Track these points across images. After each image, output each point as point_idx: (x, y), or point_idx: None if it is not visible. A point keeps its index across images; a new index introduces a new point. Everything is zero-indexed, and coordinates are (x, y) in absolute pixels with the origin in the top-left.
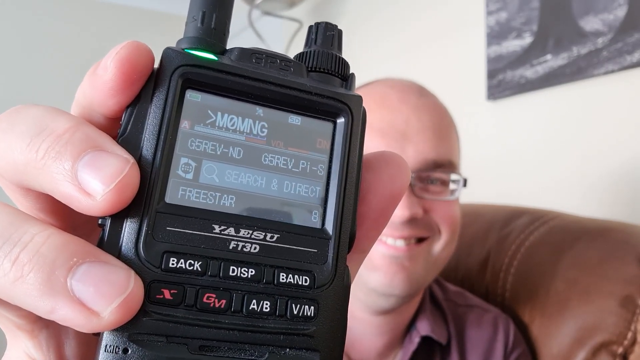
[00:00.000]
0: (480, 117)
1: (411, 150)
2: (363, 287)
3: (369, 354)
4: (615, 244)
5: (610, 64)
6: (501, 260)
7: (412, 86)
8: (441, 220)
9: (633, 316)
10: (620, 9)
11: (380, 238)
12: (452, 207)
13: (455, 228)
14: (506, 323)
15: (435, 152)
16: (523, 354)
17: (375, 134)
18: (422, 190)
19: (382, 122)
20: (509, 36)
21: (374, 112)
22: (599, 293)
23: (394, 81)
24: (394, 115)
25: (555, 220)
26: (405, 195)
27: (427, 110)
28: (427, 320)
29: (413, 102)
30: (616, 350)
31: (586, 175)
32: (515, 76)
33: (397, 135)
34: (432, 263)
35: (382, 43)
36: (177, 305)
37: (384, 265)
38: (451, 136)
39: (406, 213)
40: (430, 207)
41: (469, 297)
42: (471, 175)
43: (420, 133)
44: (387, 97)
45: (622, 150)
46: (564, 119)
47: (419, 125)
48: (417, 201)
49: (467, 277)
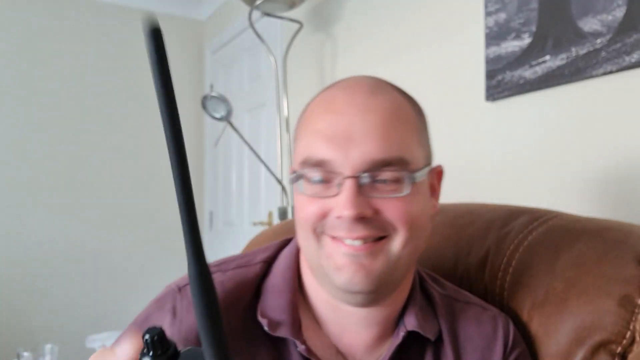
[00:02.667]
0: (479, 117)
1: (356, 152)
2: (332, 286)
3: (357, 346)
4: (614, 244)
5: (609, 64)
6: (500, 260)
7: (364, 85)
8: (395, 219)
9: (632, 315)
10: (619, 10)
11: (340, 238)
12: (407, 204)
13: (411, 224)
14: (506, 322)
15: (381, 151)
16: (522, 353)
17: (322, 139)
18: (371, 190)
19: (327, 127)
20: (508, 37)
21: (321, 117)
22: (597, 292)
23: (347, 82)
24: (339, 119)
25: (554, 220)
26: (352, 195)
27: (374, 110)
28: (414, 315)
29: (360, 102)
30: (615, 349)
31: (585, 175)
32: (514, 77)
33: (341, 139)
34: (394, 260)
35: (381, 44)
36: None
37: (344, 265)
38: (404, 132)
39: (352, 212)
40: (382, 207)
41: (468, 295)
42: (470, 175)
43: (366, 134)
44: (334, 100)
45: (621, 150)
46: (563, 120)
47: (365, 126)
48: (365, 201)
49: (466, 276)
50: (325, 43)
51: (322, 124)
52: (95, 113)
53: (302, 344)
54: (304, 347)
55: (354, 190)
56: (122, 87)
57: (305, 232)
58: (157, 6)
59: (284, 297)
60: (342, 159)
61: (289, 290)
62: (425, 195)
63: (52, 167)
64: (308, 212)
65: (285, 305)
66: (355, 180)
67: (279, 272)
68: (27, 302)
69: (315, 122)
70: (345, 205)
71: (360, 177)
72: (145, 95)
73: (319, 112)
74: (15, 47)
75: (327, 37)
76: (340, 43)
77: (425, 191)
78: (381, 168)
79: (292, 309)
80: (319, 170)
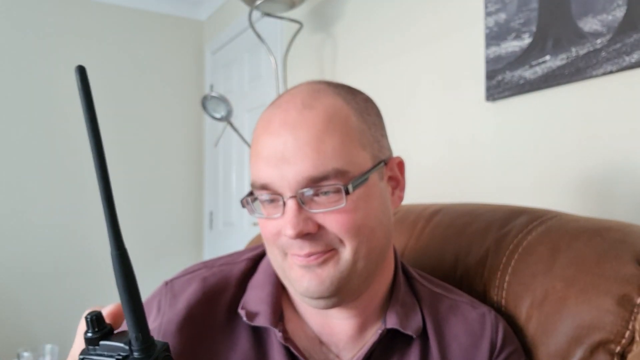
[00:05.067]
0: (480, 117)
1: (290, 172)
2: (297, 293)
3: (339, 337)
4: (613, 243)
5: (609, 64)
6: (499, 259)
7: (298, 99)
8: (339, 232)
9: (631, 315)
10: (619, 10)
11: (293, 253)
12: (349, 214)
13: (357, 233)
14: (495, 321)
15: (314, 168)
16: (515, 352)
17: (262, 162)
18: (313, 205)
19: (265, 149)
20: (508, 37)
21: (261, 139)
22: (596, 292)
23: (285, 97)
24: (274, 140)
25: (553, 220)
26: (292, 215)
27: (305, 125)
28: (395, 312)
29: (292, 120)
30: (614, 349)
31: (584, 175)
32: (514, 77)
33: (277, 160)
34: (348, 268)
35: (381, 44)
36: None
37: (302, 275)
38: (340, 141)
39: (293, 232)
40: (324, 222)
41: (458, 293)
42: (470, 175)
43: (297, 152)
44: (271, 120)
45: (621, 150)
46: (563, 120)
47: (296, 144)
48: (308, 218)
49: (466, 275)
50: (325, 43)
51: (261, 146)
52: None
53: (280, 332)
54: (281, 335)
55: (294, 210)
56: (121, 87)
57: (270, 248)
58: (157, 6)
59: (265, 290)
60: (279, 180)
61: (270, 283)
62: (377, 194)
63: (52, 167)
64: (267, 232)
65: (265, 296)
66: (294, 200)
67: (262, 268)
68: (28, 302)
69: (256, 144)
70: (286, 225)
71: (298, 196)
72: (145, 96)
73: (259, 134)
74: (15, 47)
75: (327, 37)
76: (340, 43)
77: (377, 190)
78: (319, 183)
79: (272, 301)
80: (266, 192)
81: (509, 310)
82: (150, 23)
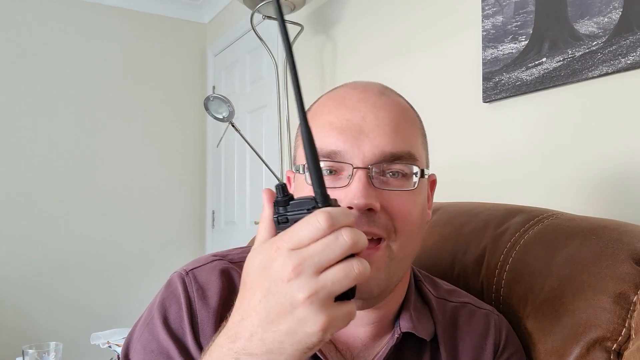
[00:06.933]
0: (477, 118)
1: (367, 144)
2: None
3: (354, 343)
4: (609, 242)
5: (605, 66)
6: (497, 258)
7: (375, 87)
8: (397, 217)
9: (627, 313)
10: (615, 12)
11: None
12: (412, 200)
13: (411, 224)
14: (499, 321)
15: (392, 145)
16: (516, 353)
17: (334, 131)
18: (380, 183)
19: (340, 120)
20: (504, 39)
21: (333, 111)
22: (593, 290)
23: (358, 83)
24: (352, 113)
25: (550, 219)
26: (363, 186)
27: (385, 108)
28: (409, 317)
29: (372, 100)
30: (610, 346)
31: (581, 175)
32: (511, 78)
33: (353, 131)
34: (394, 264)
35: (381, 46)
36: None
37: None
38: (412, 131)
39: (363, 201)
40: (388, 202)
41: (462, 294)
42: (467, 175)
43: (377, 128)
44: (347, 96)
45: (616, 150)
46: (559, 121)
47: (376, 121)
48: (375, 193)
49: (463, 274)
50: (326, 45)
51: (334, 117)
52: (96, 114)
53: None
54: None
55: (365, 181)
56: (123, 89)
57: None
58: (160, 9)
59: None
60: (353, 151)
61: None
62: (425, 199)
63: (55, 167)
64: None
65: None
66: (366, 172)
67: None
68: (32, 300)
69: (326, 115)
70: (356, 195)
71: (370, 169)
72: (149, 97)
73: (331, 107)
74: (16, 48)
75: (327, 39)
76: (341, 45)
77: (425, 195)
78: (391, 161)
79: None
80: (329, 161)
81: (506, 308)
82: (154, 26)
